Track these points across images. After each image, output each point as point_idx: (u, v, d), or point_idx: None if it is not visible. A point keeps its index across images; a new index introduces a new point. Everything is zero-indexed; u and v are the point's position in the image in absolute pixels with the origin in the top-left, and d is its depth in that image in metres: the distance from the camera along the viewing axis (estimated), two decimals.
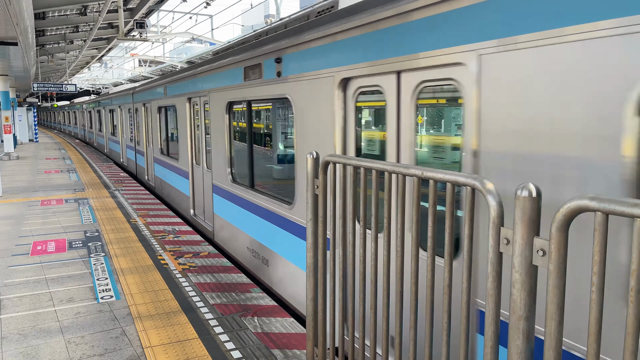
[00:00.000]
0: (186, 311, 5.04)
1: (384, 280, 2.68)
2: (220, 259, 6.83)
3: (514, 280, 1.79)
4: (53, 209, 10.46)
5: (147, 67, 42.42)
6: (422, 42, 3.31)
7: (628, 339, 1.47)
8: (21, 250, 7.30)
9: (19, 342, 4.39)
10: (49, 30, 21.65)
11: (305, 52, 4.86)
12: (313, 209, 3.32)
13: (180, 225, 8.92)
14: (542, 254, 1.73)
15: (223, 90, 7.50)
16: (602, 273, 1.53)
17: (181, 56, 45.75)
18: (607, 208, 1.49)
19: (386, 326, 2.68)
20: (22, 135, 34.38)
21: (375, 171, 2.69)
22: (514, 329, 1.80)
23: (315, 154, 3.29)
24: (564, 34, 2.38)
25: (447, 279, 2.21)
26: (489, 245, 1.91)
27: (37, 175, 16.29)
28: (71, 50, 27.81)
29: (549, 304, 1.69)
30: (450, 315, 2.22)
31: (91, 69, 45.21)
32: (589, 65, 2.31)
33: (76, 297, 5.43)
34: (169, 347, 4.27)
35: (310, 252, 3.37)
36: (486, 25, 2.82)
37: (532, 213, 1.75)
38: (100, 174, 16.46)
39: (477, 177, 2.01)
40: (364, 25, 3.89)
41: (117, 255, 7.01)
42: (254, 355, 4.14)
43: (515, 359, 1.81)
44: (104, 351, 4.20)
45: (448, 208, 2.19)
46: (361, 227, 2.90)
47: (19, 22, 10.64)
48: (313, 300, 3.41)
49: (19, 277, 6.09)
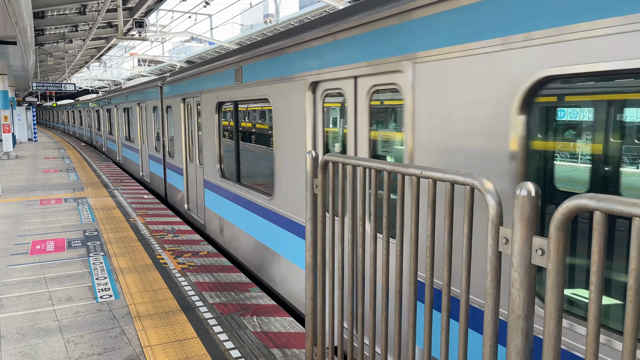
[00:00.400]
0: (185, 310, 5.04)
1: (383, 279, 2.68)
2: (220, 259, 6.83)
3: (513, 280, 1.79)
4: (52, 208, 10.45)
5: (147, 67, 42.40)
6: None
7: (627, 338, 1.47)
8: (20, 249, 7.29)
9: (17, 341, 4.39)
10: (48, 30, 21.62)
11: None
12: (312, 208, 3.32)
13: (179, 225, 8.92)
14: (541, 253, 1.73)
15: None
16: (602, 272, 1.53)
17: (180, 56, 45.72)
18: (606, 207, 1.49)
19: (385, 325, 2.68)
20: (21, 134, 34.36)
21: (374, 171, 2.69)
22: (513, 328, 1.80)
23: (314, 154, 3.29)
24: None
25: (446, 279, 2.21)
26: (487, 244, 1.91)
27: (36, 174, 16.28)
28: (70, 50, 27.77)
29: (548, 303, 1.69)
30: (450, 314, 2.22)
31: (90, 68, 45.16)
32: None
33: (75, 297, 5.42)
34: (168, 347, 4.26)
35: (309, 251, 3.37)
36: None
37: (531, 212, 1.75)
38: (99, 173, 16.44)
39: (476, 177, 2.01)
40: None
41: (116, 255, 7.00)
42: (253, 354, 4.14)
43: (514, 358, 1.81)
44: (103, 350, 4.20)
45: (447, 208, 2.19)
46: (360, 227, 2.90)
47: (17, 21, 10.63)
48: (312, 300, 3.41)
49: (18, 277, 6.09)
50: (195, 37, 26.54)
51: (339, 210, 3.30)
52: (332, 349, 3.28)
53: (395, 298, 2.56)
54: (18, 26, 11.12)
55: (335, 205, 3.21)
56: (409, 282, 2.47)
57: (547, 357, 1.70)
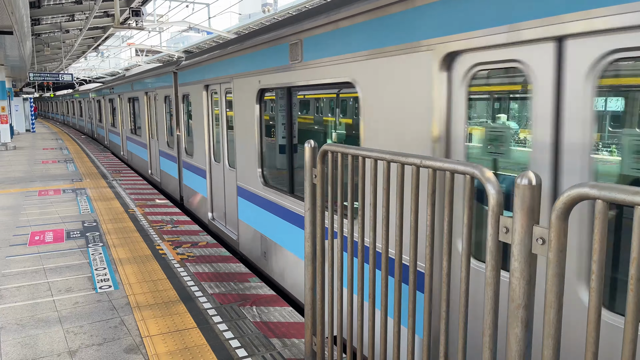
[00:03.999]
0: (185, 301, 5.05)
1: (383, 269, 2.67)
2: (219, 249, 6.83)
3: (513, 269, 1.78)
4: (51, 199, 10.43)
5: (144, 57, 42.18)
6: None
7: (627, 327, 1.46)
8: (19, 240, 7.29)
9: (17, 332, 4.39)
10: (44, 19, 21.45)
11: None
12: (311, 198, 3.31)
13: (178, 215, 8.91)
14: (541, 242, 1.72)
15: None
16: (602, 261, 1.52)
17: (178, 46, 45.46)
18: (608, 196, 1.48)
19: (384, 316, 2.68)
20: (18, 125, 34.24)
21: (374, 160, 2.67)
22: (512, 317, 1.80)
23: (313, 143, 3.27)
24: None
25: (445, 268, 2.20)
26: (488, 233, 1.90)
27: (34, 165, 16.24)
28: (67, 40, 27.58)
29: (548, 292, 1.69)
30: (449, 303, 2.22)
31: (87, 58, 44.91)
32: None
33: (74, 287, 5.43)
34: (168, 337, 4.27)
35: (308, 241, 3.36)
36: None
37: (532, 201, 1.74)
38: (97, 164, 16.41)
39: (476, 166, 1.99)
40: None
41: (115, 245, 7.00)
42: (252, 344, 4.15)
43: (514, 347, 1.81)
44: (103, 341, 4.21)
45: (447, 197, 2.18)
46: (360, 216, 2.89)
47: (14, 10, 10.54)
48: (311, 290, 3.41)
49: (17, 268, 6.08)
50: (193, 26, 26.36)
51: (338, 200, 3.03)
52: (331, 338, 3.28)
53: (395, 287, 2.56)
54: (14, 16, 11.02)
55: (334, 195, 3.18)
56: (410, 272, 2.46)
57: (547, 345, 1.70)
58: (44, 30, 23.33)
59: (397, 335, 2.60)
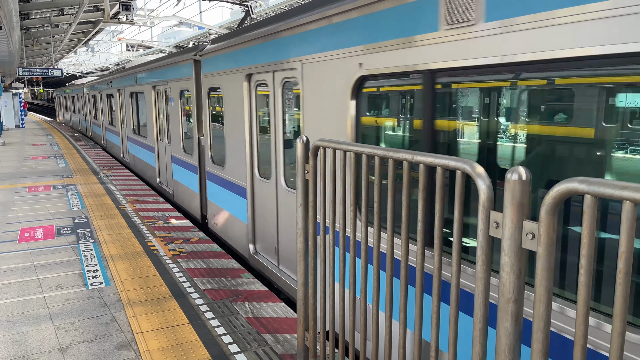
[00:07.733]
0: (177, 297, 5.04)
1: (375, 266, 2.68)
2: (211, 245, 6.81)
3: (503, 264, 1.79)
4: (41, 195, 10.35)
5: (135, 52, 41.86)
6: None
7: (616, 321, 1.48)
8: (9, 237, 7.23)
9: (7, 328, 4.36)
10: (33, 14, 21.20)
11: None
12: (303, 194, 3.31)
13: (170, 212, 8.87)
14: (531, 237, 1.74)
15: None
16: (591, 255, 1.54)
17: (169, 40, 45.13)
18: (597, 191, 1.49)
19: (376, 311, 2.69)
20: (8, 121, 33.89)
21: (365, 155, 2.68)
22: (502, 312, 1.82)
23: (305, 139, 3.26)
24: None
25: (437, 262, 2.21)
26: (478, 228, 1.91)
27: (24, 161, 16.09)
28: (57, 34, 27.29)
29: (538, 286, 1.70)
30: (440, 299, 2.23)
31: (77, 53, 44.48)
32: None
33: (65, 284, 5.39)
34: (160, 333, 4.26)
35: (300, 237, 3.36)
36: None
37: (522, 196, 1.75)
38: (88, 160, 16.29)
39: (467, 161, 2.00)
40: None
41: (106, 242, 6.96)
42: (244, 339, 4.15)
43: (504, 341, 1.82)
44: (94, 337, 4.19)
45: (438, 192, 2.19)
46: (351, 213, 2.89)
47: (2, 5, 10.40)
48: (304, 285, 3.42)
49: (7, 264, 6.04)
50: (185, 21, 26.18)
51: (330, 196, 3.00)
52: (323, 334, 3.29)
53: (387, 283, 2.57)
54: (2, 10, 10.89)
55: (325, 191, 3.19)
56: (401, 267, 2.47)
57: (537, 339, 1.71)
58: (33, 25, 23.06)
59: (389, 329, 2.61)
